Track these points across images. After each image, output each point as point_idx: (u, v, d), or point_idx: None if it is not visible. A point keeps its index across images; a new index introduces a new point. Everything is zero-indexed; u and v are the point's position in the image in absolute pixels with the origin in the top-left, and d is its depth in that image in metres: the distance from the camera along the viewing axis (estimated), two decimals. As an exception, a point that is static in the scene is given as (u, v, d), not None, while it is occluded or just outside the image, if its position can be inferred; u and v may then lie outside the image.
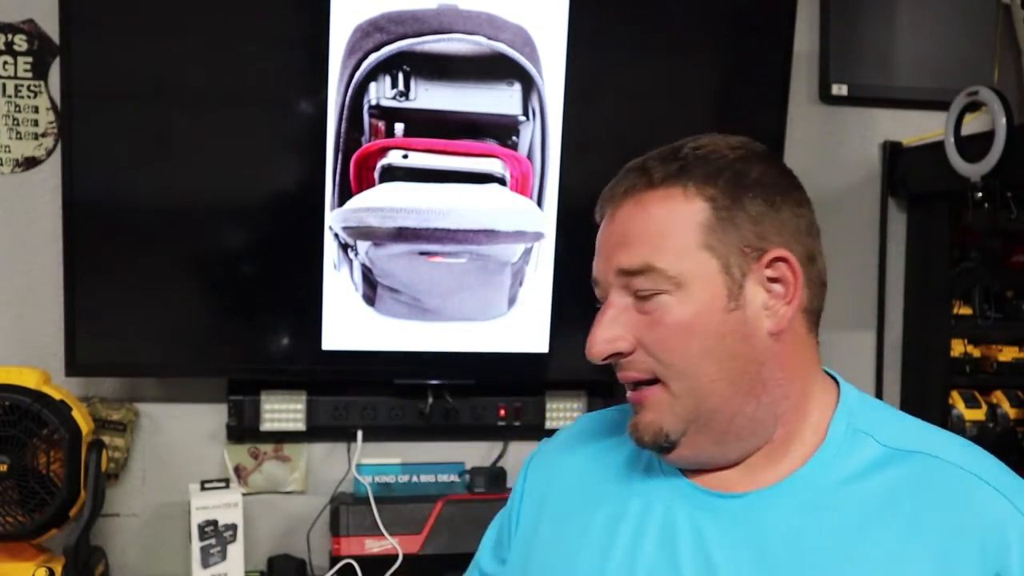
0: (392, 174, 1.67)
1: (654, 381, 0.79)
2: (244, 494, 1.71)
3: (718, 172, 0.80)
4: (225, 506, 1.64)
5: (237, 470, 1.80)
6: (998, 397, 2.06)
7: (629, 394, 0.82)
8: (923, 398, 2.07)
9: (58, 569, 1.49)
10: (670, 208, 0.79)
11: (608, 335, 0.79)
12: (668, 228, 0.78)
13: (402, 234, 1.68)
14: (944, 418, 2.01)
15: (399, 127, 1.67)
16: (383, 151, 1.67)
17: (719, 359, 0.78)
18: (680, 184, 0.79)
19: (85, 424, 1.51)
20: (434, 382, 1.78)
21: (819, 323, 0.84)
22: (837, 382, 0.86)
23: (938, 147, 1.84)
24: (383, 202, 1.67)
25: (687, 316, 0.77)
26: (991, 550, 0.73)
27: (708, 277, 0.78)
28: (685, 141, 0.83)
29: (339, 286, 1.69)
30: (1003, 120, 1.68)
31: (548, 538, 0.90)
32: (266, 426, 1.75)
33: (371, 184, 1.67)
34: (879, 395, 2.10)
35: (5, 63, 1.67)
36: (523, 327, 1.76)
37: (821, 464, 0.79)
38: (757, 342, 0.78)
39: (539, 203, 1.71)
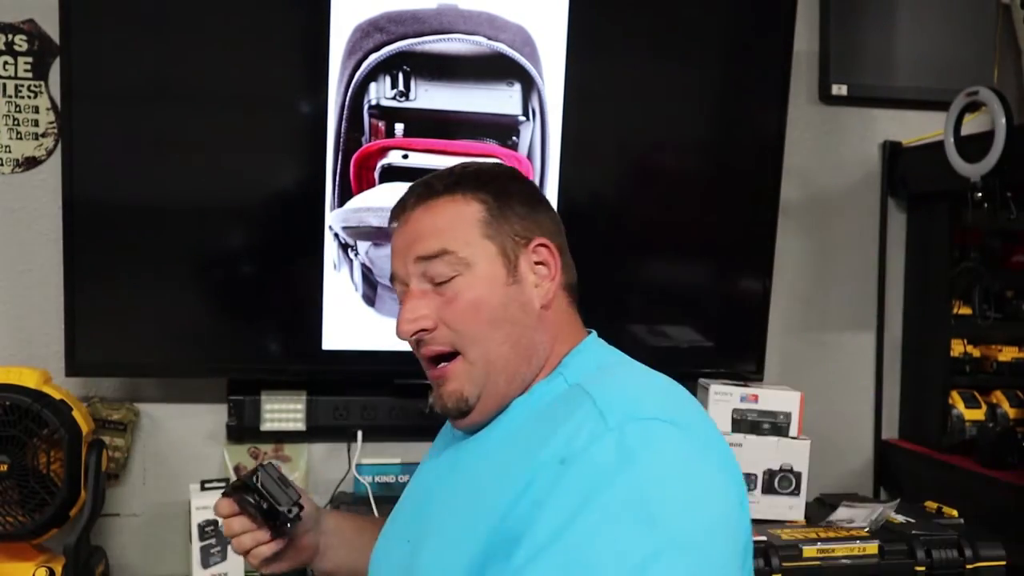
0: (392, 174, 1.67)
1: (452, 356, 0.96)
2: (244, 494, 1.71)
3: (486, 183, 0.98)
4: (225, 506, 1.64)
5: (237, 470, 1.80)
6: (998, 397, 2.06)
7: (430, 373, 0.99)
8: (923, 398, 2.07)
9: (58, 569, 1.49)
10: (454, 209, 0.97)
11: (413, 315, 0.96)
12: (455, 223, 0.96)
13: (402, 234, 1.68)
14: (944, 418, 2.01)
15: (399, 127, 1.67)
16: (383, 151, 1.67)
17: (503, 325, 0.94)
18: (459, 192, 0.98)
19: (85, 424, 1.51)
20: (434, 382, 1.78)
21: (577, 298, 1.02)
22: (587, 337, 1.02)
23: (938, 147, 1.84)
24: (383, 202, 1.67)
25: (477, 292, 0.94)
26: (567, 442, 0.82)
27: (490, 258, 0.95)
28: (455, 166, 1.02)
29: (339, 286, 1.69)
30: (1003, 120, 1.68)
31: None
32: (266, 426, 1.75)
33: (371, 184, 1.67)
34: (879, 395, 2.11)
35: (5, 63, 1.68)
36: (523, 327, 1.76)
37: (520, 401, 0.96)
38: (531, 311, 0.96)
39: (539, 203, 1.71)
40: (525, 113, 1.71)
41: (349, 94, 1.65)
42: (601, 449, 0.80)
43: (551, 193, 1.71)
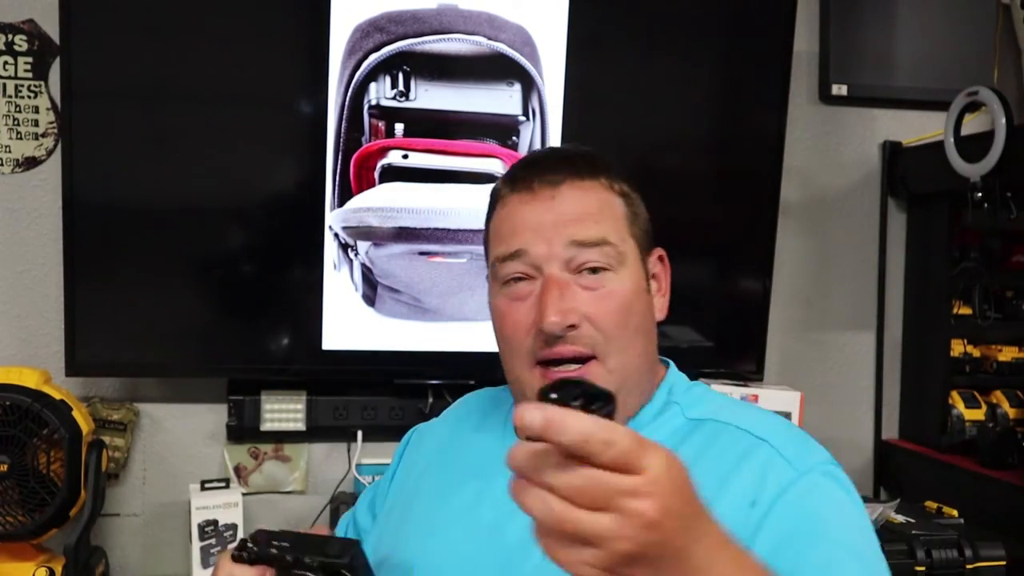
0: (392, 174, 1.67)
1: (588, 359, 0.85)
2: (244, 494, 1.71)
3: (619, 174, 0.91)
4: (225, 506, 1.64)
5: (237, 470, 1.80)
6: (998, 397, 2.06)
7: (563, 374, 0.84)
8: (923, 398, 2.07)
9: (58, 569, 1.49)
10: (604, 197, 0.89)
11: (566, 305, 0.84)
12: (606, 212, 0.88)
13: (402, 234, 1.68)
14: (944, 418, 2.01)
15: (399, 127, 1.67)
16: (383, 151, 1.67)
17: (642, 336, 0.87)
18: (603, 178, 0.89)
19: (85, 424, 1.51)
20: (434, 382, 1.78)
21: None
22: (668, 366, 0.97)
23: (938, 147, 1.84)
24: (383, 202, 1.67)
25: (627, 293, 0.86)
26: (749, 486, 0.79)
27: (635, 260, 0.88)
28: (569, 147, 0.93)
29: (339, 286, 1.69)
30: (1003, 120, 1.67)
31: (430, 495, 0.98)
32: (266, 426, 1.75)
33: (371, 184, 1.67)
34: (879, 395, 2.11)
35: (5, 63, 1.67)
36: (523, 327, 1.76)
37: (636, 427, 0.85)
38: (655, 326, 0.90)
39: (539, 203, 1.71)
40: (525, 113, 1.71)
41: (349, 94, 1.65)
42: (803, 489, 0.78)
43: (551, 193, 1.71)
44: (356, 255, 1.68)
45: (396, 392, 1.79)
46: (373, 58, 1.65)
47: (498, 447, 0.91)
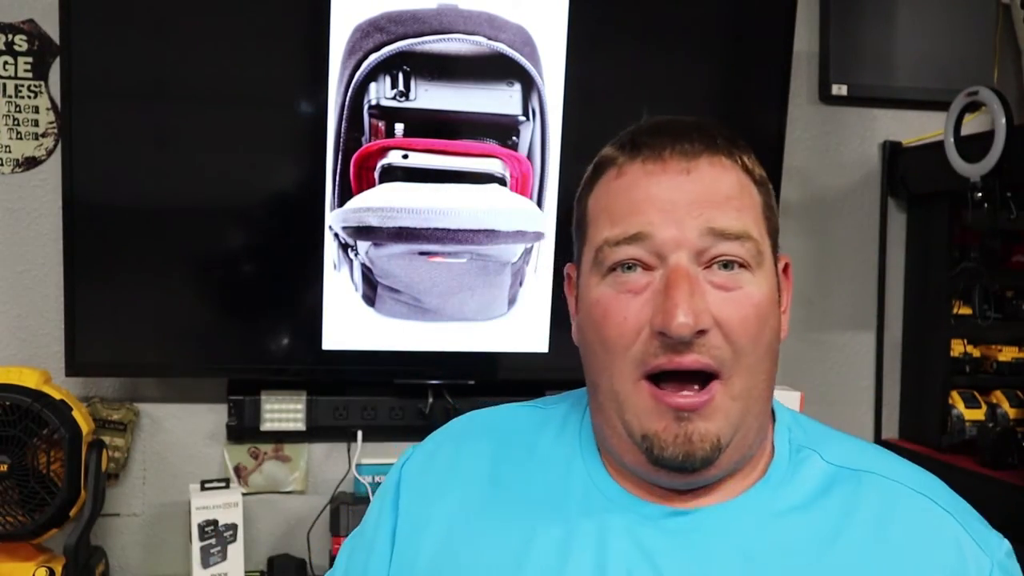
0: (392, 174, 1.67)
1: (711, 377, 0.68)
2: (244, 494, 1.71)
3: (755, 158, 0.74)
4: (225, 506, 1.64)
5: (237, 470, 1.80)
6: (998, 397, 2.06)
7: (684, 399, 0.68)
8: (923, 398, 2.07)
9: (58, 569, 1.49)
10: (743, 180, 0.72)
11: (696, 305, 0.66)
12: (745, 199, 0.71)
13: (402, 234, 1.68)
14: (944, 418, 2.01)
15: (399, 127, 1.66)
16: (383, 151, 1.67)
17: (772, 357, 0.72)
18: (741, 158, 0.72)
19: (85, 424, 1.51)
20: (434, 382, 1.78)
21: None
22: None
23: (938, 147, 1.84)
24: (383, 202, 1.67)
25: (765, 299, 0.70)
26: (948, 569, 0.70)
27: (770, 262, 0.72)
28: (692, 117, 0.75)
29: (339, 286, 1.69)
30: (1003, 120, 1.67)
31: (465, 560, 0.75)
32: (266, 426, 1.75)
33: (371, 184, 1.67)
34: (879, 395, 2.11)
35: (5, 63, 1.67)
36: (523, 327, 1.76)
37: (772, 483, 0.73)
38: (778, 347, 0.73)
39: (539, 203, 1.71)
40: (525, 113, 1.71)
41: (349, 94, 1.65)
42: None
43: (551, 193, 1.71)
44: (356, 255, 1.68)
45: (396, 392, 1.79)
46: (373, 58, 1.65)
47: (543, 488, 0.77)
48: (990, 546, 0.72)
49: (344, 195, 1.66)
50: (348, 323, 1.70)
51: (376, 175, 1.67)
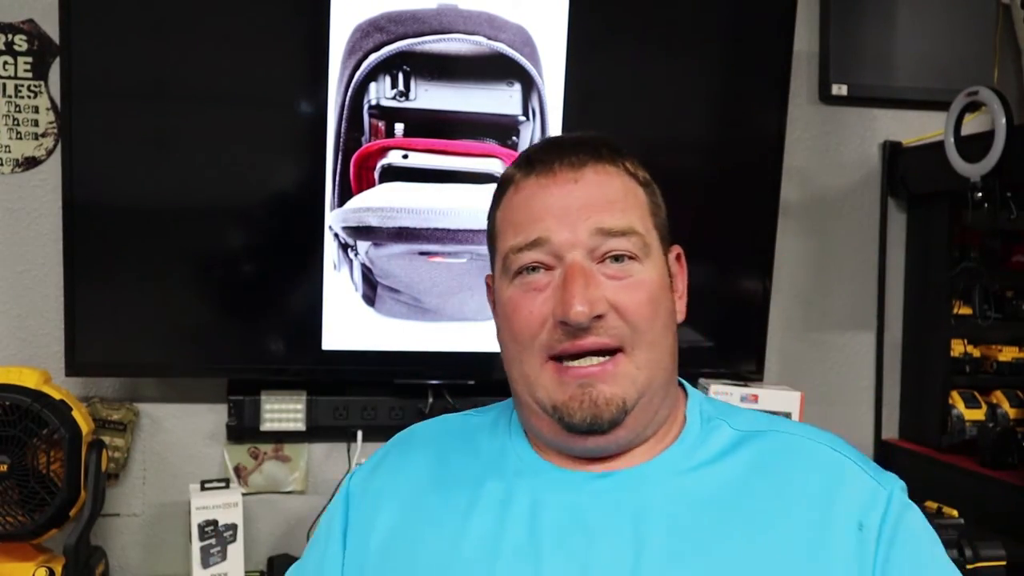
0: (392, 174, 1.67)
1: (614, 352, 0.78)
2: (244, 494, 1.71)
3: (639, 162, 0.85)
4: (225, 506, 1.64)
5: (237, 470, 1.80)
6: (998, 397, 2.06)
7: (586, 369, 0.78)
8: (923, 398, 2.07)
9: (58, 569, 1.49)
10: (627, 184, 0.83)
11: (592, 295, 0.77)
12: (630, 200, 0.82)
13: (402, 234, 1.68)
14: (944, 418, 2.01)
15: (399, 127, 1.67)
16: (383, 151, 1.67)
17: (671, 336, 0.82)
18: (624, 164, 0.84)
19: (85, 424, 1.51)
20: (434, 382, 1.78)
21: None
22: (682, 382, 0.91)
23: (938, 147, 1.84)
24: (383, 202, 1.67)
25: (655, 284, 0.80)
26: (853, 505, 0.77)
27: (658, 253, 0.83)
28: (586, 133, 0.86)
29: (339, 286, 1.69)
30: (1003, 120, 1.67)
31: (413, 541, 0.84)
32: (266, 426, 1.75)
33: (371, 184, 1.67)
34: (879, 395, 2.11)
35: (5, 63, 1.67)
36: (523, 327, 1.75)
37: (686, 445, 0.83)
38: (675, 327, 0.84)
39: (539, 203, 1.71)
40: (525, 113, 1.71)
41: (349, 94, 1.65)
42: (901, 516, 0.78)
43: (551, 193, 1.71)
44: (356, 255, 1.68)
45: (396, 392, 1.79)
46: (373, 58, 1.65)
47: (467, 474, 0.86)
48: (887, 480, 0.80)
49: (344, 195, 1.66)
50: (348, 323, 1.70)
51: (376, 175, 1.67)
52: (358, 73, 1.64)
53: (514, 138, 1.71)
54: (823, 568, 0.75)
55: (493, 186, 0.90)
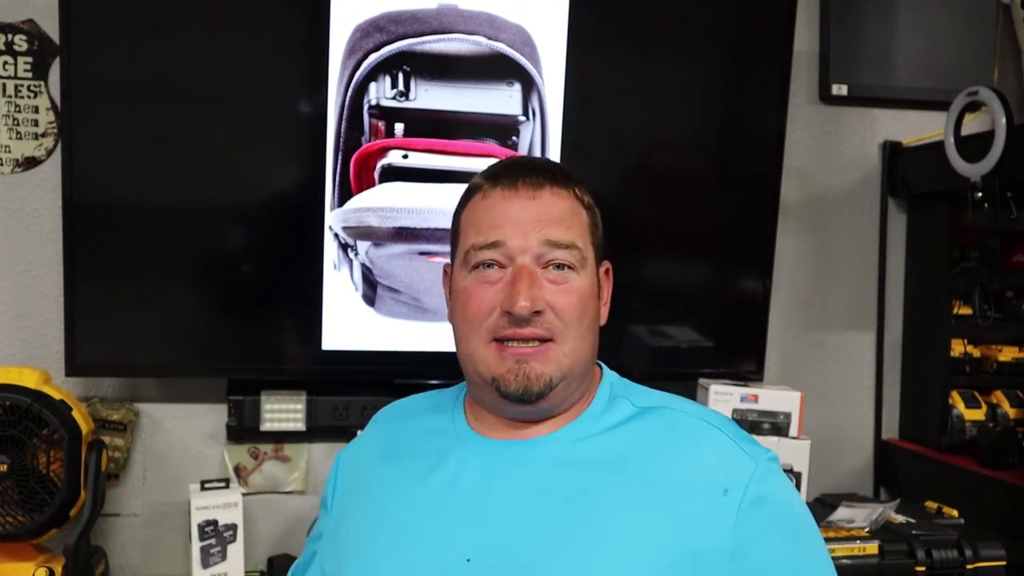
0: (392, 174, 1.67)
1: (547, 341, 0.94)
2: (244, 494, 1.71)
3: (587, 188, 1.01)
4: (225, 506, 1.64)
5: (237, 470, 1.80)
6: (998, 397, 2.06)
7: (516, 350, 0.94)
8: (923, 398, 2.07)
9: (58, 569, 1.49)
10: (575, 206, 0.99)
11: (536, 293, 0.93)
12: (575, 220, 0.98)
13: (402, 234, 1.68)
14: (944, 418, 2.01)
15: (399, 127, 1.67)
16: (383, 151, 1.67)
17: (594, 334, 0.99)
18: (573, 189, 0.99)
19: (85, 424, 1.51)
20: (434, 382, 1.77)
21: None
22: (601, 368, 1.06)
23: (938, 147, 1.84)
24: (383, 202, 1.67)
25: (586, 291, 0.97)
26: (720, 472, 0.91)
27: (592, 266, 0.99)
28: (540, 159, 1.07)
29: (339, 286, 1.69)
30: (1003, 120, 1.68)
31: (367, 503, 1.02)
32: (266, 426, 1.75)
33: (371, 184, 1.67)
34: (879, 395, 2.11)
35: (5, 63, 1.67)
36: (523, 327, 1.76)
37: (589, 418, 0.99)
38: (598, 327, 1.01)
39: (539, 203, 1.71)
40: (525, 113, 1.71)
41: (349, 94, 1.65)
42: (765, 486, 0.91)
43: (551, 193, 1.71)
44: (356, 255, 1.69)
45: (396, 392, 1.77)
46: (373, 58, 1.65)
47: (424, 441, 1.03)
48: (757, 454, 0.93)
49: (344, 195, 1.66)
50: (348, 323, 1.70)
51: (376, 175, 1.67)
52: (358, 73, 1.64)
53: (514, 138, 1.71)
54: (684, 521, 0.88)
55: (471, 181, 1.02)
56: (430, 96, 1.67)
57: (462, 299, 0.98)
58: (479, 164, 1.68)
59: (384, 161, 1.67)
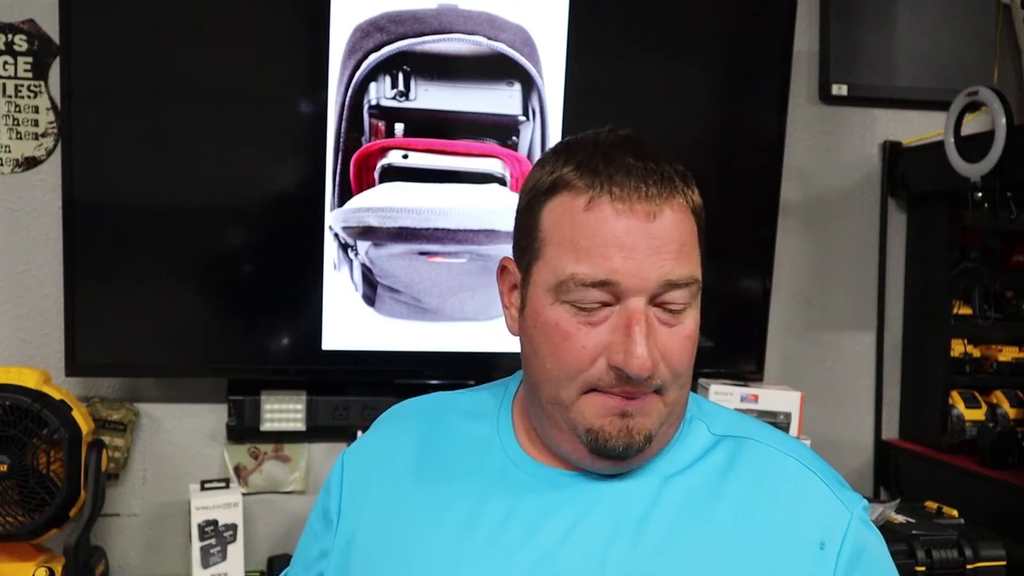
0: (392, 174, 1.67)
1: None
2: (244, 494, 1.71)
3: (694, 183, 0.84)
4: (225, 506, 1.64)
5: (237, 470, 1.80)
6: (998, 397, 2.06)
7: (622, 403, 0.79)
8: (923, 398, 2.07)
9: (58, 569, 1.49)
10: (691, 222, 0.83)
11: (654, 352, 0.78)
12: (693, 242, 0.83)
13: (402, 234, 1.68)
14: (944, 418, 2.01)
15: (399, 127, 1.67)
16: (383, 151, 1.67)
17: (692, 368, 0.84)
18: (690, 195, 0.83)
19: (85, 424, 1.51)
20: (434, 382, 1.78)
21: None
22: None
23: (938, 147, 1.84)
24: (383, 202, 1.67)
25: (696, 328, 0.83)
26: (816, 524, 0.81)
27: (699, 290, 0.84)
28: (650, 146, 0.84)
29: (339, 286, 1.69)
30: (1003, 120, 1.68)
31: (396, 528, 0.87)
32: (266, 426, 1.75)
33: (371, 184, 1.67)
34: (879, 395, 2.11)
35: (5, 63, 1.67)
36: (523, 327, 1.76)
37: (671, 450, 0.85)
38: None
39: (539, 203, 1.71)
40: (525, 113, 1.71)
41: (349, 94, 1.65)
42: (862, 538, 0.82)
43: (551, 193, 1.71)
44: (356, 255, 1.69)
45: (396, 392, 1.78)
46: (373, 58, 1.65)
47: (463, 467, 0.88)
48: (852, 501, 0.83)
49: (344, 195, 1.66)
50: (348, 323, 1.70)
51: (376, 175, 1.67)
52: (358, 73, 1.64)
53: (514, 138, 1.71)
54: None
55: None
56: (430, 96, 1.67)
57: (555, 337, 0.80)
58: (479, 164, 1.68)
59: (384, 161, 1.67)
